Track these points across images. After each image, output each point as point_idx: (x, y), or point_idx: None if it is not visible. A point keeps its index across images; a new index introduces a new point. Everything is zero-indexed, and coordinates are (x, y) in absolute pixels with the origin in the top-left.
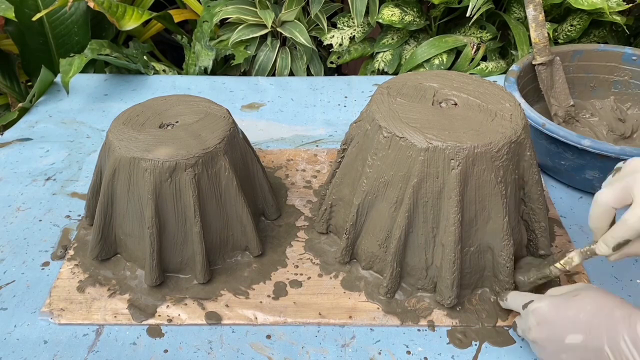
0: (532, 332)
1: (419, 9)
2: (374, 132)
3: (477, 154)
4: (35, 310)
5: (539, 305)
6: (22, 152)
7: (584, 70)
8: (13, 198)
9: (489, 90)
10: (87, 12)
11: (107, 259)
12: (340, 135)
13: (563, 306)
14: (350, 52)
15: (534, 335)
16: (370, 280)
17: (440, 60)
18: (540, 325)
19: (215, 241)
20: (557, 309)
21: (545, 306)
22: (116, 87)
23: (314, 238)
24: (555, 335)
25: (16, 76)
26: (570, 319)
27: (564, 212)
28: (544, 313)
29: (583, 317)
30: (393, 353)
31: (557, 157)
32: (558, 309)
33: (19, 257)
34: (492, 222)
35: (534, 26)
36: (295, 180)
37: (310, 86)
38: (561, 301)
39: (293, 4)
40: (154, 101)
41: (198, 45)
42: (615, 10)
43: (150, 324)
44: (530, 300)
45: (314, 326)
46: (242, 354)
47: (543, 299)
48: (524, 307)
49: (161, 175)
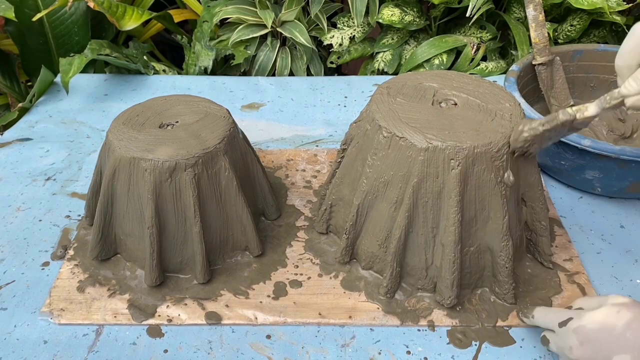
0: (574, 351)
1: (419, 9)
2: (373, 132)
3: (477, 153)
4: (35, 310)
5: (582, 325)
6: (22, 152)
7: (584, 70)
8: (13, 198)
9: (488, 90)
10: (87, 12)
11: (107, 259)
12: (340, 135)
13: (607, 324)
14: (350, 52)
15: (577, 355)
16: (370, 280)
17: (440, 60)
18: (584, 345)
19: (215, 241)
20: (602, 328)
21: (588, 325)
22: (116, 87)
23: (314, 238)
24: (601, 355)
25: (16, 76)
26: (616, 338)
27: (564, 212)
28: (587, 332)
29: (630, 337)
30: (393, 353)
31: (557, 157)
32: (603, 327)
33: (19, 257)
34: (491, 222)
35: (534, 26)
36: (295, 180)
37: (310, 86)
38: (604, 318)
39: (293, 4)
40: (154, 101)
41: (198, 45)
42: (615, 10)
43: (150, 324)
44: (570, 318)
45: (314, 326)
46: (242, 354)
47: (582, 316)
48: (560, 325)
49: (161, 175)
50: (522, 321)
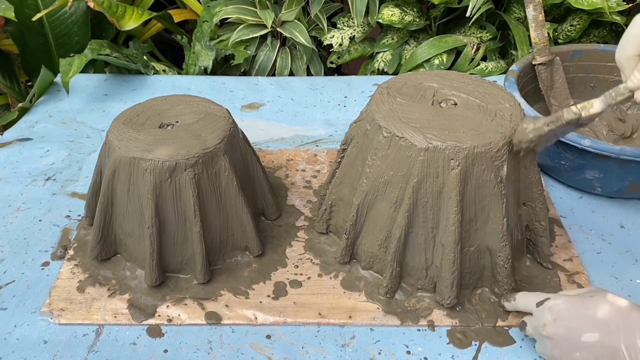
0: (547, 328)
1: (419, 9)
2: (373, 132)
3: (476, 153)
4: (35, 310)
5: (556, 303)
6: (22, 152)
7: (584, 70)
8: (13, 198)
9: (488, 90)
10: (87, 12)
11: (107, 259)
12: (340, 135)
13: (580, 305)
14: (350, 52)
15: (549, 331)
16: (370, 280)
17: (440, 60)
18: (557, 322)
19: (215, 241)
20: (575, 307)
21: (562, 303)
22: (116, 87)
23: (314, 238)
24: (572, 332)
25: (16, 76)
26: (587, 318)
27: (564, 212)
28: (561, 310)
29: (601, 316)
30: (393, 353)
31: (557, 157)
32: (575, 306)
33: (19, 257)
34: (491, 222)
35: (533, 26)
36: (295, 180)
37: (310, 86)
38: (578, 300)
39: (293, 4)
40: (154, 101)
41: (198, 45)
42: (615, 10)
43: (150, 324)
44: (546, 298)
45: (313, 326)
46: (242, 354)
47: (559, 297)
48: (538, 305)
49: (161, 175)
50: (503, 307)
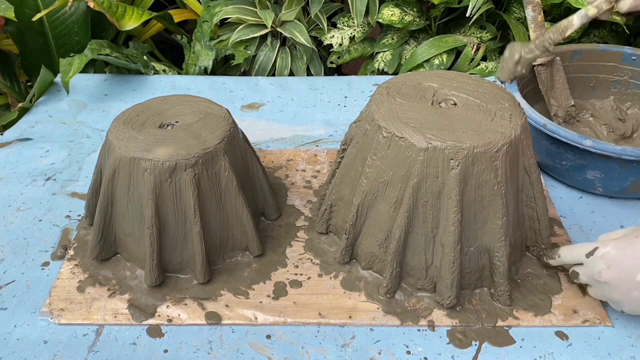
0: (603, 275)
1: (419, 9)
2: (373, 132)
3: (476, 153)
4: (35, 310)
5: (607, 250)
6: (22, 152)
7: (584, 70)
8: (13, 198)
9: (488, 90)
10: (87, 12)
11: (107, 259)
12: (340, 135)
13: (629, 247)
14: (350, 52)
15: (605, 277)
16: (370, 280)
17: (440, 60)
18: (611, 268)
19: (215, 241)
20: (624, 251)
21: (612, 250)
22: (116, 87)
23: (314, 238)
24: (627, 274)
25: (16, 76)
26: (638, 258)
27: (564, 212)
28: (613, 256)
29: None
30: (393, 353)
31: (557, 157)
32: (625, 250)
33: (19, 257)
34: (490, 222)
35: (533, 27)
36: (295, 180)
37: (310, 86)
38: (626, 243)
39: (293, 4)
40: (154, 101)
41: (198, 45)
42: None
43: (150, 324)
44: (595, 247)
45: (313, 326)
46: (242, 354)
47: (607, 244)
48: (588, 256)
49: (161, 175)
50: (547, 264)
